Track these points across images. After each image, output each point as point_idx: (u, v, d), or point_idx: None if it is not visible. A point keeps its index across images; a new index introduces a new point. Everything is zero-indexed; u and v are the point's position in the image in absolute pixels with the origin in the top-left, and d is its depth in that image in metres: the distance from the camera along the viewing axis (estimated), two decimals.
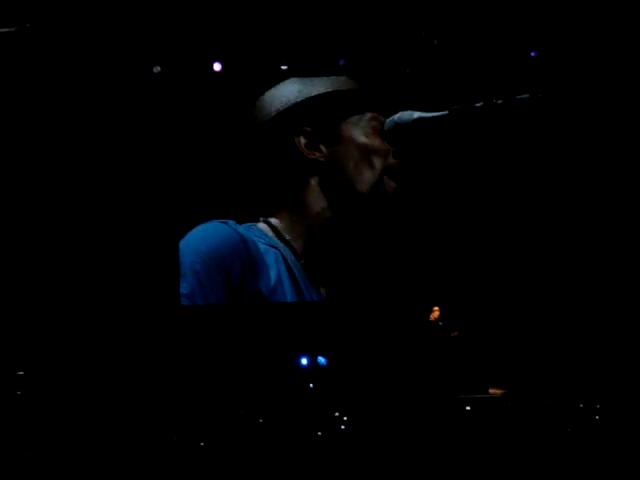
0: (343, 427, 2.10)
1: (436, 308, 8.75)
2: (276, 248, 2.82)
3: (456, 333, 7.95)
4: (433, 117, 2.58)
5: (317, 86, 2.95)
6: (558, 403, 2.36)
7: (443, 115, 2.56)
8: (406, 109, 2.89)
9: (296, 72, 3.07)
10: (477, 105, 2.50)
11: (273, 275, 2.74)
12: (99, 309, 2.19)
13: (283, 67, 5.84)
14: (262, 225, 2.90)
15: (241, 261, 2.68)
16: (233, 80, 3.43)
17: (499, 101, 2.44)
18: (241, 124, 3.13)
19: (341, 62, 3.70)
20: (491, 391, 3.65)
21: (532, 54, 6.26)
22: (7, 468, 2.03)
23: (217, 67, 4.20)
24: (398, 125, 2.65)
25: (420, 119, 2.62)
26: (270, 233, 2.86)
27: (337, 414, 2.08)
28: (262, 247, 2.76)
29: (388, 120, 2.68)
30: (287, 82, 2.99)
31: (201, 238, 2.63)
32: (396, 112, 2.79)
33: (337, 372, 2.15)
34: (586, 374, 3.02)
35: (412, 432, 2.20)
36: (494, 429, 2.33)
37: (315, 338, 2.19)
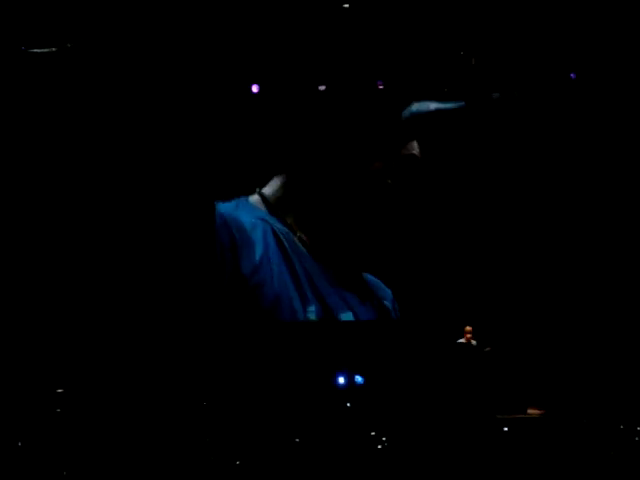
0: (380, 447, 2.09)
1: (469, 328, 8.66)
2: (266, 221, 2.79)
3: (489, 349, 7.84)
4: (450, 108, 2.58)
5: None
6: (597, 423, 2.34)
7: (460, 106, 2.56)
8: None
9: (332, 91, 3.07)
10: (494, 96, 2.51)
11: (259, 250, 2.74)
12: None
13: (321, 87, 5.80)
14: (255, 198, 2.88)
15: (220, 246, 2.68)
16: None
17: (515, 93, 2.46)
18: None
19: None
20: (529, 411, 3.62)
21: (572, 76, 6.21)
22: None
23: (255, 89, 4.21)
24: (415, 115, 2.65)
25: (437, 110, 2.62)
26: (262, 206, 2.84)
27: (373, 433, 2.07)
28: (249, 223, 2.75)
29: (405, 110, 2.68)
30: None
31: None
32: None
33: (374, 391, 2.14)
34: (625, 395, 2.99)
35: (449, 452, 2.19)
36: (532, 450, 2.31)
37: (353, 357, 2.18)
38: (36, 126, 8.52)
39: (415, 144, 3.44)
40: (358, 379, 6.32)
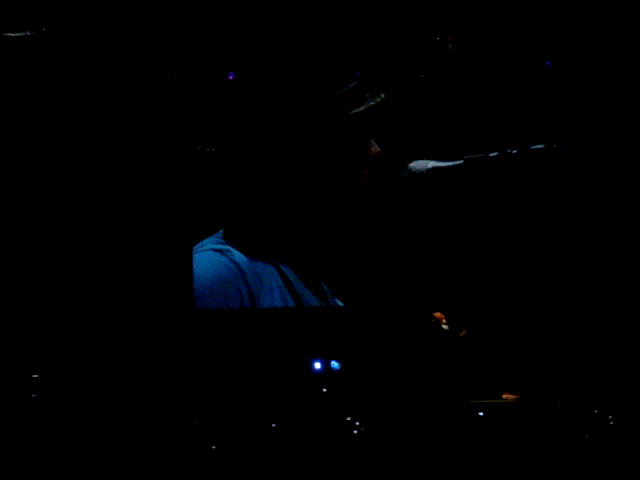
0: (355, 432, 2.10)
1: (438, 314, 8.67)
2: (272, 263, 2.74)
3: (464, 332, 7.85)
4: (447, 167, 2.59)
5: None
6: (572, 408, 2.36)
7: (457, 165, 2.57)
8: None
9: (310, 79, 3.04)
10: (491, 155, 2.52)
11: (276, 297, 2.68)
12: (111, 312, 2.20)
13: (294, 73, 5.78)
14: (231, 238, 2.79)
15: (239, 295, 2.61)
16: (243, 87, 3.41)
17: (514, 151, 2.46)
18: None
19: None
20: (504, 396, 3.64)
21: (547, 63, 6.24)
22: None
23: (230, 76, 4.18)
24: (412, 174, 2.65)
25: (434, 169, 2.63)
26: (266, 247, 2.77)
27: (349, 419, 2.08)
28: (261, 265, 2.69)
29: (403, 169, 2.67)
30: None
31: (195, 275, 2.55)
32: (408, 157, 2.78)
33: (350, 376, 2.15)
34: (601, 379, 3.02)
35: (424, 437, 2.20)
36: (507, 435, 2.32)
37: (329, 342, 2.19)
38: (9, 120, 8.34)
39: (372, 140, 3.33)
40: (334, 365, 6.29)
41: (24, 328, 2.25)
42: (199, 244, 2.81)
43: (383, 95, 2.76)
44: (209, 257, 2.66)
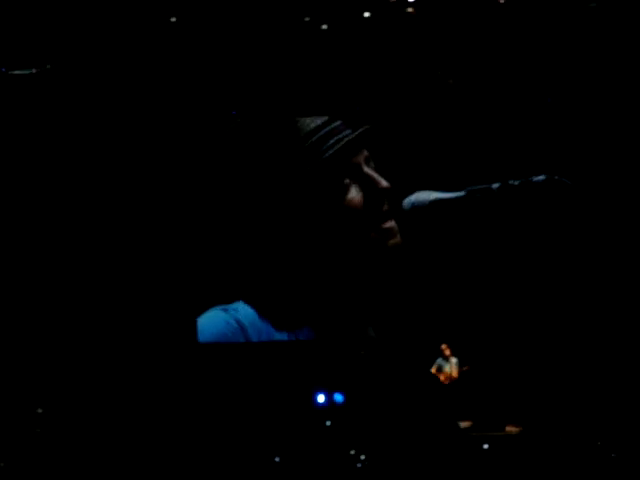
0: (359, 465, 2.10)
1: (445, 346, 8.65)
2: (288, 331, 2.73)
3: (467, 368, 7.83)
4: (450, 198, 2.60)
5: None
6: (575, 441, 2.36)
7: (460, 196, 2.58)
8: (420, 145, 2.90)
9: (311, 113, 3.02)
10: (494, 186, 2.53)
11: None
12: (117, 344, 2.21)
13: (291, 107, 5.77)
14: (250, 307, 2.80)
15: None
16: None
17: (516, 182, 2.48)
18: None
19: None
20: (508, 429, 3.64)
21: (548, 100, 6.27)
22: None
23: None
24: (415, 206, 2.65)
25: (437, 200, 2.63)
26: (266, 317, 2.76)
27: (353, 452, 2.09)
28: (272, 331, 2.68)
29: (405, 201, 2.67)
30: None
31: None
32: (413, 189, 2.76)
33: (354, 409, 2.15)
34: (603, 412, 3.02)
35: (429, 470, 2.20)
36: (511, 467, 2.33)
37: (332, 375, 2.19)
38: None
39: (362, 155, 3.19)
40: (338, 397, 6.28)
41: (37, 363, 2.26)
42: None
43: (366, 127, 2.72)
44: (211, 315, 2.68)
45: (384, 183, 2.67)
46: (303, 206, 2.63)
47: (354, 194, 2.67)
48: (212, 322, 2.64)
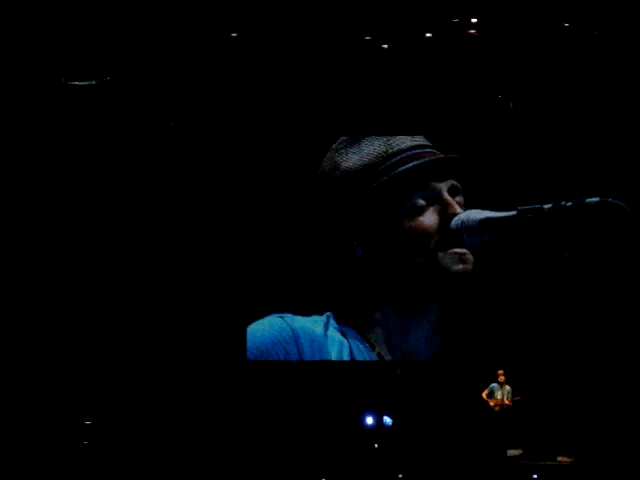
0: None
1: (501, 372, 8.60)
2: (344, 335, 2.76)
3: (519, 398, 7.79)
4: (501, 217, 2.55)
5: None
6: (627, 471, 2.31)
7: (511, 216, 2.53)
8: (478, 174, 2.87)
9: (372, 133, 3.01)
10: (546, 207, 2.48)
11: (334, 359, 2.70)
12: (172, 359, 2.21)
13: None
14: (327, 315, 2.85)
15: (285, 354, 2.68)
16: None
17: (568, 204, 2.43)
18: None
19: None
20: (559, 459, 3.58)
21: (609, 127, 6.23)
22: None
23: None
24: (465, 224, 2.62)
25: (486, 220, 2.59)
26: (344, 320, 2.82)
27: (400, 476, 2.06)
28: (323, 333, 2.72)
29: (455, 219, 2.64)
30: None
31: (251, 333, 2.65)
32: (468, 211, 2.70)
33: (402, 432, 2.12)
34: None
35: None
36: None
37: (382, 398, 2.16)
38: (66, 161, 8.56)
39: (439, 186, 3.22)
40: (387, 420, 6.27)
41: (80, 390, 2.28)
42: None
43: (451, 155, 2.71)
44: (267, 320, 2.79)
45: (460, 212, 2.65)
46: (371, 222, 2.65)
47: (428, 217, 2.67)
48: (267, 327, 2.73)
